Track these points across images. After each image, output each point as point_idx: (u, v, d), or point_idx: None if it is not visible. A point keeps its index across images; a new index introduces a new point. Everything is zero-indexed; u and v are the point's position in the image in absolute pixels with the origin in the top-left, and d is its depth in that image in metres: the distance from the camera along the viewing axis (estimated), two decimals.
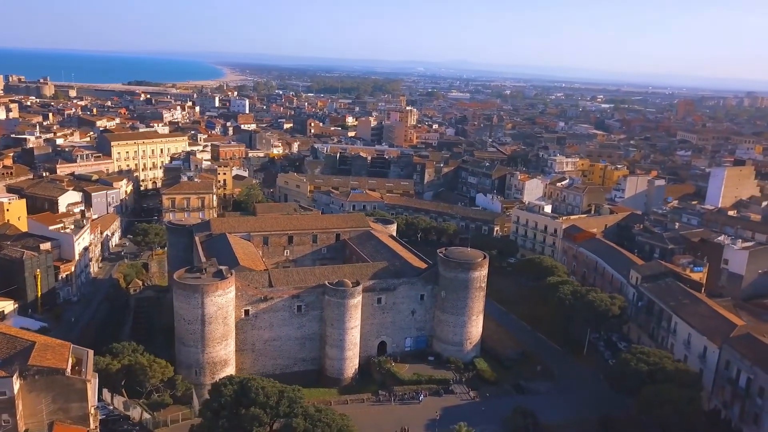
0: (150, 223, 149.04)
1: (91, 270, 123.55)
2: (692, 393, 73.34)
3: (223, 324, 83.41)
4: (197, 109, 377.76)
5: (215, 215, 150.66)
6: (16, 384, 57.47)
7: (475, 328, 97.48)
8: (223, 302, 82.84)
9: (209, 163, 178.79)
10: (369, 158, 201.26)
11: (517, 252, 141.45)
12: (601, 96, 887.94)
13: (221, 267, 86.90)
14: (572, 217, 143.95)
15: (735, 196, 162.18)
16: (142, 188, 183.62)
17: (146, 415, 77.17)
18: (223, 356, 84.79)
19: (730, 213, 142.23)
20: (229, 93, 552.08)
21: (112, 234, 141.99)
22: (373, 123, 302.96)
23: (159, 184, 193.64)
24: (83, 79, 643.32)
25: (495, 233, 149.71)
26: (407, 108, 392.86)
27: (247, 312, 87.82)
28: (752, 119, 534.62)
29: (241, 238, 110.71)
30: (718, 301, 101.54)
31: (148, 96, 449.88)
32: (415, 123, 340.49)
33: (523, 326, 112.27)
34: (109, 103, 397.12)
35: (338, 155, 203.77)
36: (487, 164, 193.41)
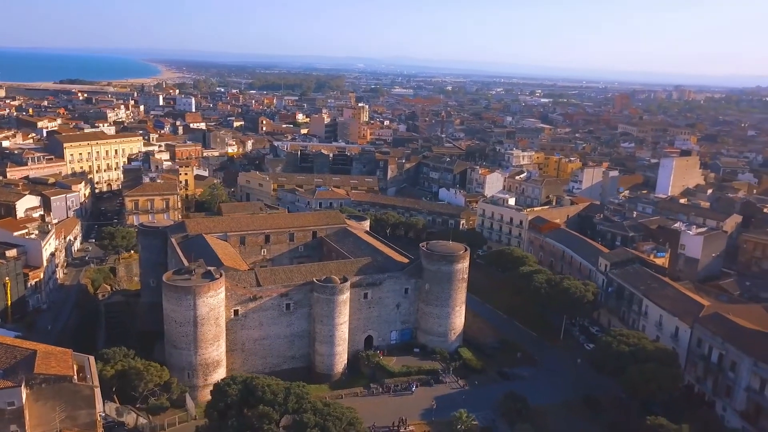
0: (111, 226, 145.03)
1: (58, 276, 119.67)
2: (674, 370, 78.13)
3: (215, 325, 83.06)
4: (142, 108, 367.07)
5: (180, 216, 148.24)
6: (23, 393, 56.15)
7: (459, 318, 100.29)
8: (215, 303, 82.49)
9: (170, 163, 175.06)
10: (331, 155, 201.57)
11: (485, 244, 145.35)
12: (539, 91, 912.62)
13: (209, 268, 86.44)
14: (536, 208, 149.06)
15: (682, 185, 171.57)
16: (97, 191, 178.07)
17: (142, 420, 76.15)
18: (216, 357, 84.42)
19: (682, 201, 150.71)
20: (171, 91, 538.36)
21: (75, 239, 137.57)
22: (327, 120, 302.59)
23: (114, 186, 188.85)
24: (7, 78, 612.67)
25: (461, 226, 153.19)
26: (360, 105, 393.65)
27: (236, 312, 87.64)
28: (683, 111, 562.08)
29: (217, 238, 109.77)
30: (679, 284, 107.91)
31: (86, 95, 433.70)
32: (367, 120, 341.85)
33: (499, 315, 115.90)
34: (45, 103, 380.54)
35: (299, 153, 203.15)
36: (448, 159, 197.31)
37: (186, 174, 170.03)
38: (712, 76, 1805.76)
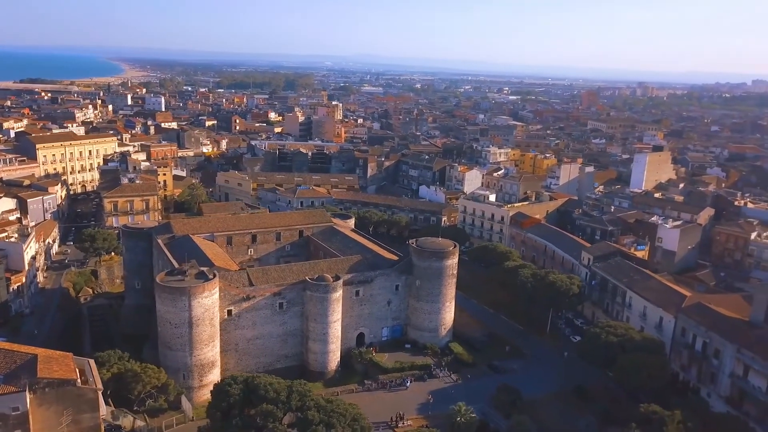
0: (89, 228, 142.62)
1: (39, 280, 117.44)
2: (662, 359, 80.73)
3: (210, 325, 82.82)
4: (110, 107, 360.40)
5: (160, 217, 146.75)
6: (27, 398, 55.47)
7: (449, 314, 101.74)
8: (210, 303, 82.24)
9: (147, 163, 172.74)
10: (309, 154, 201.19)
11: (467, 240, 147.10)
12: (507, 88, 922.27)
13: (202, 268, 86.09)
14: (516, 204, 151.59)
15: (655, 180, 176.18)
16: (71, 192, 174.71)
17: (139, 423, 75.54)
18: (211, 358, 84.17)
19: (657, 195, 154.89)
20: (138, 90, 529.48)
21: (54, 241, 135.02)
22: (301, 118, 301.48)
23: (89, 188, 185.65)
24: None
25: (443, 223, 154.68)
26: (333, 103, 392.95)
27: (230, 312, 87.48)
28: (647, 108, 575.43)
29: (204, 239, 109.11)
30: (659, 275, 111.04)
31: (50, 95, 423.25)
32: (341, 118, 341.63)
33: (485, 310, 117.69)
34: (8, 103, 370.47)
35: (277, 152, 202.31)
36: (427, 157, 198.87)
37: (164, 174, 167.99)
38: (673, 73, 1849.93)
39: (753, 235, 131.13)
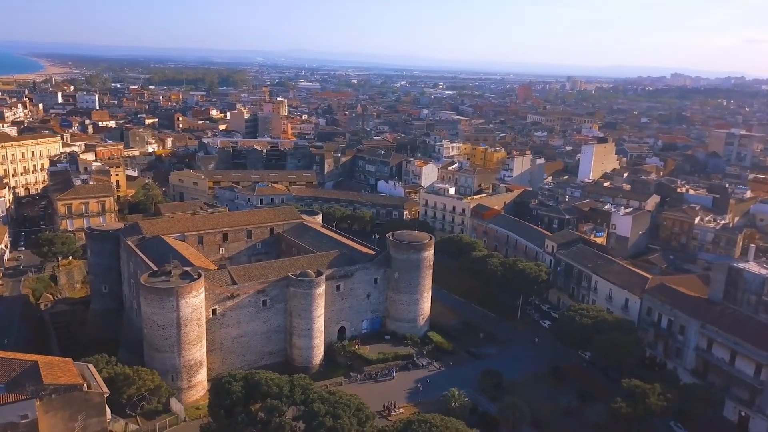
0: (41, 232, 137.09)
1: None
2: (636, 338, 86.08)
3: (197, 325, 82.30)
4: (40, 106, 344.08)
5: (116, 219, 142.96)
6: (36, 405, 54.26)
7: (426, 304, 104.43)
8: (197, 303, 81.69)
9: (99, 164, 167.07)
10: (264, 151, 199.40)
11: (431, 233, 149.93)
12: (442, 83, 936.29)
13: (186, 268, 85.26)
14: (476, 196, 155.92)
15: (602, 170, 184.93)
16: (16, 195, 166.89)
17: (132, 427, 74.47)
18: (199, 358, 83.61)
19: (606, 184, 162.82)
20: (66, 88, 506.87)
21: (6, 247, 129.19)
22: (247, 115, 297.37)
23: (34, 190, 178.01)
24: None
25: (405, 217, 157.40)
26: (278, 99, 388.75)
27: (214, 311, 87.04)
28: (579, 101, 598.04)
29: (175, 239, 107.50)
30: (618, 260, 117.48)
31: None
32: (286, 114, 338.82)
33: (456, 299, 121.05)
34: None
35: (231, 149, 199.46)
36: (383, 152, 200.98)
37: (117, 175, 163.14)
38: (598, 68, 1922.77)
39: (696, 220, 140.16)
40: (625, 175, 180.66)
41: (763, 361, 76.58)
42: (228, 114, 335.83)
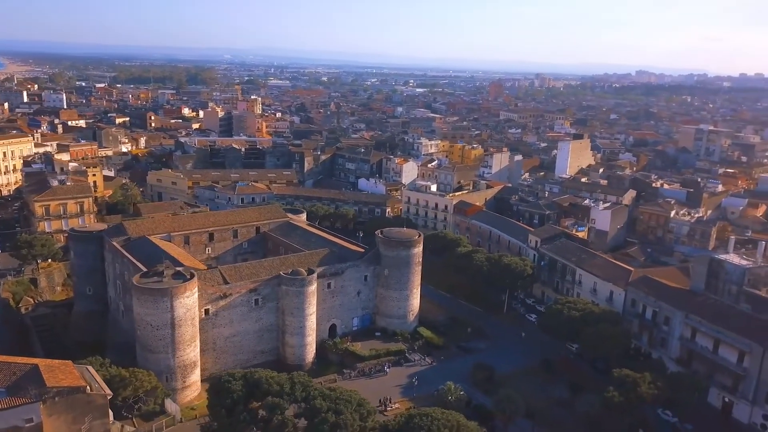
0: (17, 234, 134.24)
1: None
2: (623, 329, 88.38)
3: (191, 325, 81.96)
4: (6, 105, 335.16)
5: (95, 220, 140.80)
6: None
7: (416, 300, 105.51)
8: (191, 303, 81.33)
9: (75, 164, 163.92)
10: (243, 150, 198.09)
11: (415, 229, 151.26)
12: (412, 81, 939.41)
13: (178, 268, 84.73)
14: (458, 193, 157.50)
15: (578, 165, 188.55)
16: None
17: (129, 429, 73.76)
18: (193, 358, 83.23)
19: (583, 180, 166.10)
20: (30, 86, 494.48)
21: None
22: (221, 113, 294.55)
23: (6, 192, 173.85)
24: None
25: (387, 214, 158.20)
26: (252, 97, 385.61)
27: (207, 311, 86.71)
28: (548, 98, 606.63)
29: (161, 239, 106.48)
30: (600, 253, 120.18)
31: None
32: (261, 112, 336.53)
33: (443, 295, 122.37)
34: None
35: (209, 148, 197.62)
36: (363, 150, 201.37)
37: (94, 175, 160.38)
38: (565, 65, 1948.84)
39: (672, 214, 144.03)
40: (601, 170, 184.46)
41: (746, 348, 79.46)
42: (201, 113, 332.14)
